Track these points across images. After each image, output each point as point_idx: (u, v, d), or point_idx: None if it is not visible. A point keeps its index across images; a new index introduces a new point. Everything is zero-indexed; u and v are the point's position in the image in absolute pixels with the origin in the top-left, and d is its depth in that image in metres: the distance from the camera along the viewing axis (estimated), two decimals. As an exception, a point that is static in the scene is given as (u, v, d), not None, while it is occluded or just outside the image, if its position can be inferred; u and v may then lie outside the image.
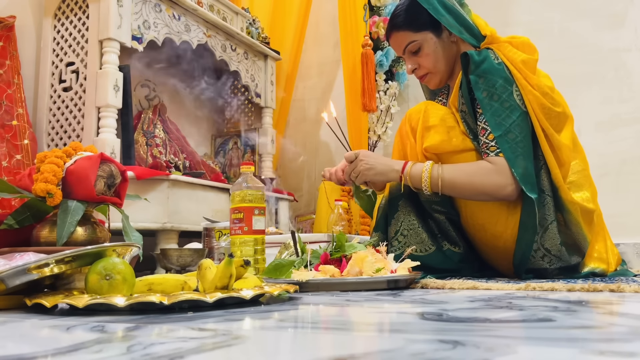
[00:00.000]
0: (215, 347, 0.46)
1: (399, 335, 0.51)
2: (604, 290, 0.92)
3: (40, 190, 1.02)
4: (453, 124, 1.28)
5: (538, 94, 1.22)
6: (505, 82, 1.21)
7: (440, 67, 1.36)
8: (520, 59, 1.23)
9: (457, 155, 1.26)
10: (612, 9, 2.21)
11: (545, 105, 1.22)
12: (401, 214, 1.31)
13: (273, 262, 1.14)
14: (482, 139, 1.22)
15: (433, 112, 1.29)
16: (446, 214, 1.31)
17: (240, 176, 1.29)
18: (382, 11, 2.40)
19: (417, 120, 1.31)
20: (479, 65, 1.22)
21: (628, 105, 2.14)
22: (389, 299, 0.86)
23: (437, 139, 1.26)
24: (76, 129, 1.67)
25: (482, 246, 1.32)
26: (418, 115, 1.31)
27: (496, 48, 1.25)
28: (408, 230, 1.28)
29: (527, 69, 1.23)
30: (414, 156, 1.31)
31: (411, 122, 1.33)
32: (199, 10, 1.96)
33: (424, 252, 1.27)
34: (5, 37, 1.69)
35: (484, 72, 1.21)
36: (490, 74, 1.21)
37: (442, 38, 1.34)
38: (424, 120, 1.29)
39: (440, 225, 1.31)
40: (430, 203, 1.30)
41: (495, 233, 1.26)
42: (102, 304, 0.69)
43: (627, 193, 2.08)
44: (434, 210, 1.31)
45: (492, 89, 1.21)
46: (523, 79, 1.22)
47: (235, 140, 2.48)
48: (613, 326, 0.54)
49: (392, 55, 2.39)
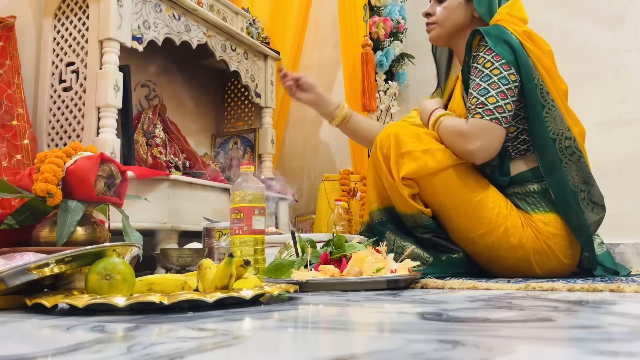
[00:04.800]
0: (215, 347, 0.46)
1: (399, 335, 0.51)
2: (604, 290, 0.92)
3: (40, 190, 1.02)
4: (428, 145, 1.28)
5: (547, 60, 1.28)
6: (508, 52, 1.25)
7: (447, 25, 1.41)
8: (522, 29, 1.29)
9: (436, 176, 1.26)
10: (612, 9, 2.21)
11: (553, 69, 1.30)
12: (391, 234, 1.32)
13: (273, 262, 1.14)
14: (467, 104, 1.29)
15: (404, 138, 1.29)
16: (432, 233, 1.31)
17: (240, 176, 1.29)
18: (382, 11, 2.40)
19: (387, 147, 1.30)
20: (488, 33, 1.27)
21: (628, 105, 2.14)
22: (389, 299, 0.86)
23: (413, 166, 1.26)
24: (76, 129, 1.67)
25: (478, 257, 1.32)
26: (388, 141, 1.30)
27: (504, 23, 1.29)
28: (402, 248, 1.27)
29: (529, 38, 1.29)
30: (389, 185, 1.31)
31: (382, 150, 1.32)
32: (199, 10, 1.96)
33: (422, 265, 1.27)
34: (5, 37, 1.69)
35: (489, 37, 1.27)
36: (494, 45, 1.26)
37: (467, 4, 1.39)
38: (396, 147, 1.28)
39: (432, 241, 1.31)
40: (416, 227, 1.31)
41: (487, 244, 1.27)
42: (102, 304, 0.69)
43: (627, 193, 2.08)
44: (421, 233, 1.31)
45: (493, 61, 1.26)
46: (532, 46, 1.27)
47: (235, 140, 2.48)
48: (613, 326, 0.54)
49: (392, 55, 2.39)
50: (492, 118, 1.23)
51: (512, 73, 1.24)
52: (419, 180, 1.27)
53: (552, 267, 1.27)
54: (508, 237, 1.25)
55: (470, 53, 1.32)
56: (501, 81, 1.23)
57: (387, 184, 1.32)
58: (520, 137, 1.31)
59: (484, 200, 1.27)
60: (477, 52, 1.29)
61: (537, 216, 1.26)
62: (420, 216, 1.30)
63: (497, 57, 1.24)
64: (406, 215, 1.31)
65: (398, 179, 1.27)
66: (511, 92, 1.24)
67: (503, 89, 1.23)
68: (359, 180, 2.19)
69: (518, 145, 1.31)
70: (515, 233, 1.25)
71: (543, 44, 1.31)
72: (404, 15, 2.47)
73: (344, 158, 2.57)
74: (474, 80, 1.27)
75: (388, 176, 1.30)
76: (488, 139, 1.24)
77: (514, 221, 1.26)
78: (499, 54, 1.24)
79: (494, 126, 1.23)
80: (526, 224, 1.26)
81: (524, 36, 1.27)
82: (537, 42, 1.29)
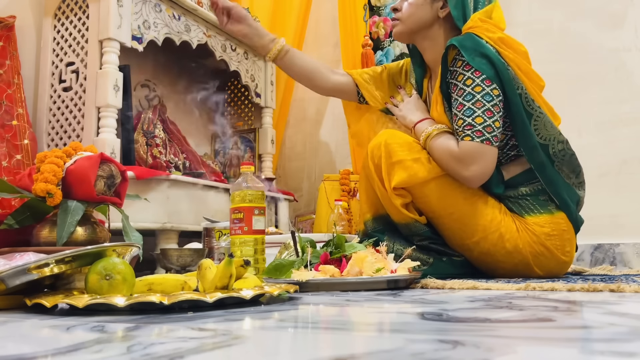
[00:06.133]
0: (215, 347, 0.46)
1: (399, 335, 0.51)
2: (604, 290, 0.92)
3: (40, 190, 1.02)
4: (418, 154, 1.27)
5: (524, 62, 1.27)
6: (487, 64, 1.22)
7: (409, 23, 1.37)
8: (497, 36, 1.25)
9: (428, 184, 1.26)
10: (612, 9, 2.21)
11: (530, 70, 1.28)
12: (389, 239, 1.32)
13: (273, 262, 1.14)
14: (454, 125, 1.26)
15: (395, 147, 1.27)
16: (429, 240, 1.31)
17: (240, 176, 1.29)
18: (382, 11, 2.40)
19: (379, 156, 1.29)
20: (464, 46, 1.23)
21: (628, 105, 2.14)
22: (389, 299, 0.86)
23: (403, 175, 1.25)
24: (76, 129, 1.67)
25: (475, 263, 1.32)
26: (379, 151, 1.29)
27: (477, 31, 1.25)
28: (401, 250, 1.25)
29: (505, 44, 1.26)
30: (381, 194, 1.30)
31: (374, 159, 1.31)
32: (199, 10, 1.96)
33: (423, 266, 1.27)
34: (5, 37, 1.69)
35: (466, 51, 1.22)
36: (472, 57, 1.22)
37: (433, 3, 1.34)
38: (387, 157, 1.27)
39: (429, 247, 1.31)
40: (412, 235, 1.31)
41: (482, 250, 1.27)
42: (102, 304, 0.69)
43: (627, 193, 2.08)
44: (418, 241, 1.31)
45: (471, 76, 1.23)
46: (509, 52, 1.25)
47: (235, 140, 2.48)
48: (613, 326, 0.54)
49: (392, 55, 2.39)
50: (483, 139, 1.20)
51: (494, 88, 1.20)
52: (410, 189, 1.27)
53: (552, 267, 1.27)
54: (503, 242, 1.24)
55: (446, 66, 1.27)
56: (485, 98, 1.20)
57: (379, 193, 1.31)
58: (509, 143, 1.29)
59: (477, 206, 1.26)
60: (454, 66, 1.25)
61: (531, 219, 1.25)
62: (415, 224, 1.29)
63: (477, 73, 1.21)
64: (401, 224, 1.31)
65: (390, 189, 1.26)
66: (497, 108, 1.21)
67: (489, 107, 1.20)
68: (359, 180, 2.19)
69: (508, 152, 1.30)
70: (510, 239, 1.24)
71: (518, 46, 1.28)
72: (404, 15, 2.47)
73: (344, 158, 2.57)
74: (457, 100, 1.24)
75: (380, 186, 1.30)
76: (482, 163, 1.21)
77: (508, 227, 1.25)
78: (478, 69, 1.20)
79: (486, 148, 1.21)
80: (521, 228, 1.25)
81: (500, 43, 1.24)
82: (512, 46, 1.26)
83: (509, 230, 1.25)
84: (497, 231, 1.25)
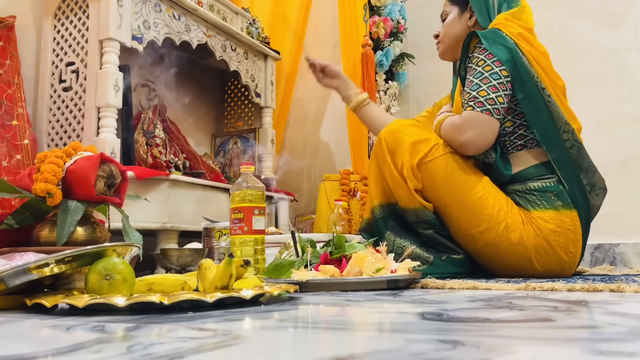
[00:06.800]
0: (215, 347, 0.46)
1: (399, 335, 0.51)
2: (604, 290, 0.92)
3: (40, 190, 1.02)
4: (429, 134, 1.35)
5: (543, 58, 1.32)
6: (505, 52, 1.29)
7: (447, 40, 1.49)
8: (518, 31, 1.32)
9: (435, 162, 1.30)
10: (612, 9, 2.21)
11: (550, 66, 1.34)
12: (390, 234, 1.34)
13: (273, 262, 1.14)
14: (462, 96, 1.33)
15: (408, 131, 1.35)
16: (434, 229, 1.32)
17: (240, 176, 1.29)
18: (382, 11, 2.40)
19: (392, 141, 1.35)
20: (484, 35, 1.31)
21: (628, 105, 2.14)
22: (389, 299, 0.86)
23: (416, 157, 1.31)
24: (76, 129, 1.67)
25: (478, 255, 1.33)
26: (392, 136, 1.35)
27: (500, 27, 1.33)
28: (401, 248, 1.28)
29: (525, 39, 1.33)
30: (392, 179, 1.34)
31: (387, 144, 1.35)
32: (199, 10, 1.96)
33: (423, 265, 1.28)
34: (5, 37, 1.69)
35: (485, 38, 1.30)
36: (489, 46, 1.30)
37: (461, 17, 1.46)
38: (400, 141, 1.33)
39: (433, 239, 1.32)
40: (418, 223, 1.33)
41: (487, 241, 1.28)
42: (102, 304, 0.69)
43: (627, 193, 2.08)
44: (423, 229, 1.32)
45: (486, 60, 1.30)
46: (527, 45, 1.31)
47: (235, 140, 2.48)
48: (613, 326, 0.54)
49: (392, 55, 2.39)
50: (483, 109, 1.26)
51: (503, 69, 1.27)
52: (422, 170, 1.30)
53: (552, 264, 1.27)
54: (508, 233, 1.26)
55: (467, 54, 1.35)
56: (492, 76, 1.27)
57: (390, 178, 1.34)
58: (517, 132, 1.33)
59: (484, 196, 1.28)
60: (472, 53, 1.33)
61: (537, 213, 1.27)
62: (423, 211, 1.31)
63: (490, 56, 1.28)
64: (409, 210, 1.32)
65: (405, 172, 1.30)
66: (502, 86, 1.27)
67: (494, 83, 1.27)
68: (359, 180, 2.19)
69: (515, 140, 1.34)
70: (515, 230, 1.26)
71: (539, 46, 1.34)
72: (404, 15, 2.47)
73: (344, 158, 2.57)
74: (468, 79, 1.32)
75: (393, 170, 1.33)
76: (478, 130, 1.27)
77: (514, 218, 1.27)
78: (492, 53, 1.28)
79: (485, 117, 1.27)
80: (527, 221, 1.27)
81: (519, 37, 1.31)
82: (532, 43, 1.33)
83: (514, 222, 1.27)
84: (503, 222, 1.26)
